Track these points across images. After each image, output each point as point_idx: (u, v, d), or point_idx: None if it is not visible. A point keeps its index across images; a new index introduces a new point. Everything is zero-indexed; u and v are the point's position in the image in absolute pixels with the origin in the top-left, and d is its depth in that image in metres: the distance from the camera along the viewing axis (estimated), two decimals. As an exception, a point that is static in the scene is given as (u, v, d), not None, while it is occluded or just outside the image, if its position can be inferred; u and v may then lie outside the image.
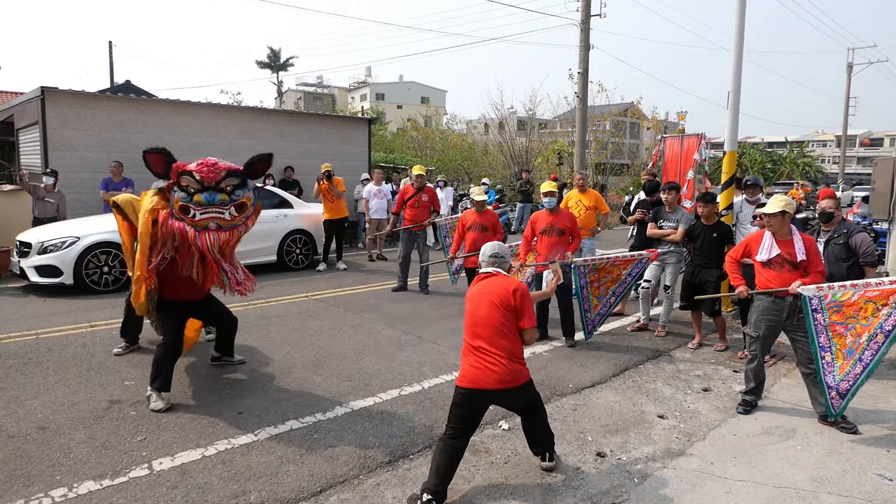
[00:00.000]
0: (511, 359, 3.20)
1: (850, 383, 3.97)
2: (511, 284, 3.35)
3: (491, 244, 3.56)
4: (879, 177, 6.47)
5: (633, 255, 5.90)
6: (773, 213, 4.30)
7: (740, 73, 7.01)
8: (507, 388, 3.18)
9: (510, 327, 3.23)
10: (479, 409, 3.29)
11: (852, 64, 37.85)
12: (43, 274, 7.48)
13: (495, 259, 3.51)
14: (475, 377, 3.18)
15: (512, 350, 3.22)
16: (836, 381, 4.00)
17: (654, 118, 31.40)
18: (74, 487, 3.16)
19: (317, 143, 13.39)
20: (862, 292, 3.94)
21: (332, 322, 6.62)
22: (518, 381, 3.23)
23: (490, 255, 3.51)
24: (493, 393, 3.19)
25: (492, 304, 3.25)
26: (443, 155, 26.25)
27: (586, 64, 16.05)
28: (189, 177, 3.95)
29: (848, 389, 3.98)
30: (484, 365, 3.17)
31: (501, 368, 3.16)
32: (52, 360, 5.09)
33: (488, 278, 3.43)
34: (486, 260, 3.53)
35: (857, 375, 3.94)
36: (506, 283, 3.35)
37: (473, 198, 7.02)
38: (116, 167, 9.37)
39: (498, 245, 3.56)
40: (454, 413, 3.25)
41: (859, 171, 58.53)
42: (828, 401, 4.06)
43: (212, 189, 3.96)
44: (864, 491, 3.32)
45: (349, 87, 67.27)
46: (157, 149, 4.03)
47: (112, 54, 27.25)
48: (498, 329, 3.20)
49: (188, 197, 3.93)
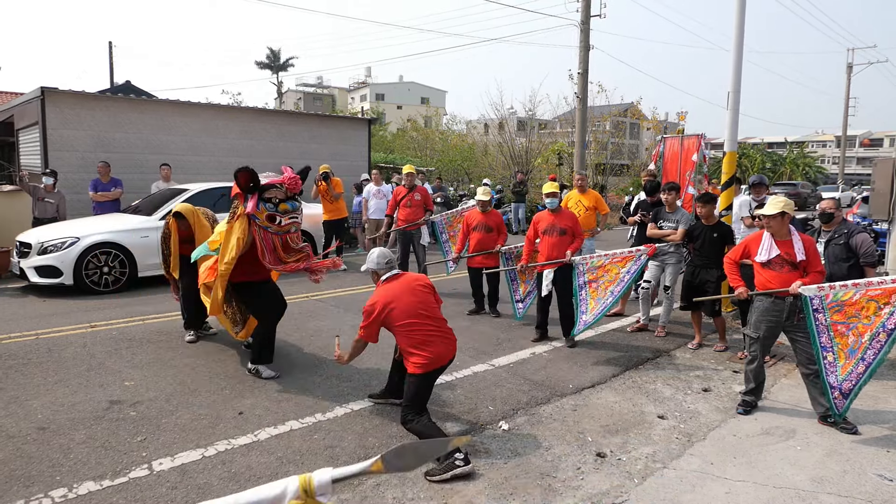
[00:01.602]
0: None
1: (852, 383, 3.97)
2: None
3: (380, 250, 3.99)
4: (879, 177, 6.47)
5: (630, 252, 5.86)
6: (772, 214, 4.30)
7: (740, 74, 7.02)
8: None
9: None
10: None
11: (852, 64, 37.85)
12: (43, 274, 7.48)
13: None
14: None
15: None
16: (839, 380, 4.00)
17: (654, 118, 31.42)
18: (74, 488, 3.16)
19: (317, 143, 13.40)
20: (864, 291, 3.95)
21: (332, 322, 6.61)
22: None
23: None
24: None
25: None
26: (443, 155, 26.26)
27: (586, 64, 16.05)
28: (276, 189, 4.52)
29: (851, 389, 3.98)
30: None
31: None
32: (52, 361, 5.09)
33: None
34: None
35: (860, 375, 3.94)
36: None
37: (479, 198, 7.02)
38: (104, 167, 9.36)
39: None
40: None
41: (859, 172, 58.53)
42: (831, 400, 4.06)
43: (292, 198, 4.61)
44: (864, 491, 3.32)
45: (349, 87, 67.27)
46: (246, 168, 4.52)
47: (112, 54, 27.25)
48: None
49: (274, 207, 4.50)
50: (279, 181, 4.55)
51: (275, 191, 4.51)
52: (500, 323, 6.82)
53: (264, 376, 4.79)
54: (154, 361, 5.15)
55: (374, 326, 3.83)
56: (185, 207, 5.61)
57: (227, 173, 11.75)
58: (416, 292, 3.84)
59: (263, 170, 12.89)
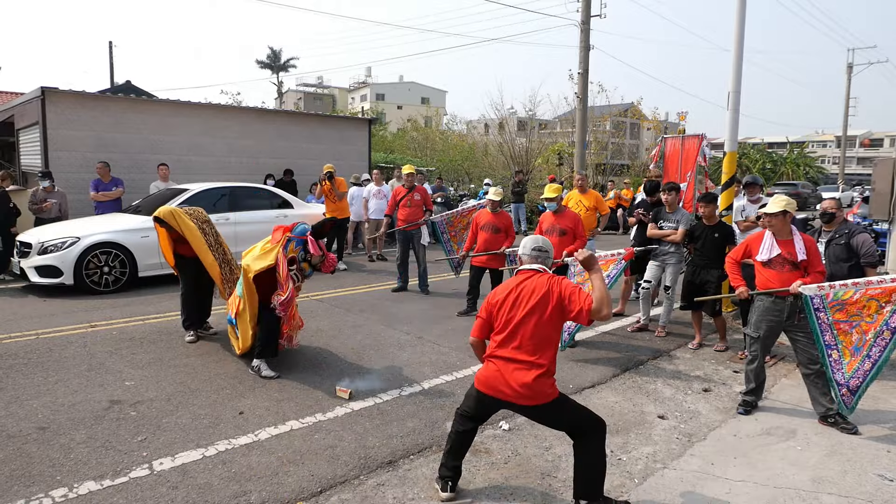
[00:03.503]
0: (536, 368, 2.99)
1: (860, 380, 3.98)
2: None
3: (532, 237, 3.34)
4: (879, 177, 6.46)
5: (612, 255, 5.81)
6: (773, 213, 4.30)
7: (740, 74, 7.01)
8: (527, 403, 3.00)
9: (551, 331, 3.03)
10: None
11: (852, 64, 37.84)
12: (43, 274, 7.48)
13: (539, 253, 3.23)
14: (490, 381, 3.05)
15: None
16: (846, 378, 4.01)
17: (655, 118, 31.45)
18: (75, 487, 3.16)
19: (317, 143, 13.41)
20: (864, 290, 3.96)
21: (332, 322, 6.61)
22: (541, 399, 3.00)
23: (533, 248, 3.24)
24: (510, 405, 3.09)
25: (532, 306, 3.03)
26: (443, 155, 26.26)
27: (586, 64, 16.05)
28: (315, 250, 5.03)
29: (858, 386, 3.99)
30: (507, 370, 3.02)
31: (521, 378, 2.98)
32: (52, 361, 5.09)
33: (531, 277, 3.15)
34: (528, 254, 3.25)
35: (867, 372, 3.95)
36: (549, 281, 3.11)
37: (490, 198, 7.00)
38: (103, 167, 9.36)
39: (541, 238, 3.32)
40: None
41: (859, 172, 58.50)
42: (839, 397, 4.06)
43: (312, 268, 5.17)
44: (864, 491, 3.32)
45: (349, 87, 67.27)
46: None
47: (112, 54, 27.26)
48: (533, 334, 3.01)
49: (302, 259, 5.03)
50: (317, 253, 5.06)
51: (313, 250, 5.04)
52: (501, 323, 6.81)
53: (264, 375, 4.79)
54: (154, 361, 5.15)
55: (481, 319, 3.24)
56: (164, 211, 5.43)
57: (227, 173, 11.78)
58: (529, 303, 3.04)
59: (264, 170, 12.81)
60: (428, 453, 3.67)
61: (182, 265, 5.70)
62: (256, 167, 12.30)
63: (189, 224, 5.36)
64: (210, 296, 5.88)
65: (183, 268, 5.70)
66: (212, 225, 5.66)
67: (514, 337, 3.02)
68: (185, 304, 5.76)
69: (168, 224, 5.40)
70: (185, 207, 5.70)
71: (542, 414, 3.04)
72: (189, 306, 5.75)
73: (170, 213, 5.38)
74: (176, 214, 5.38)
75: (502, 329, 3.07)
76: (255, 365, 4.88)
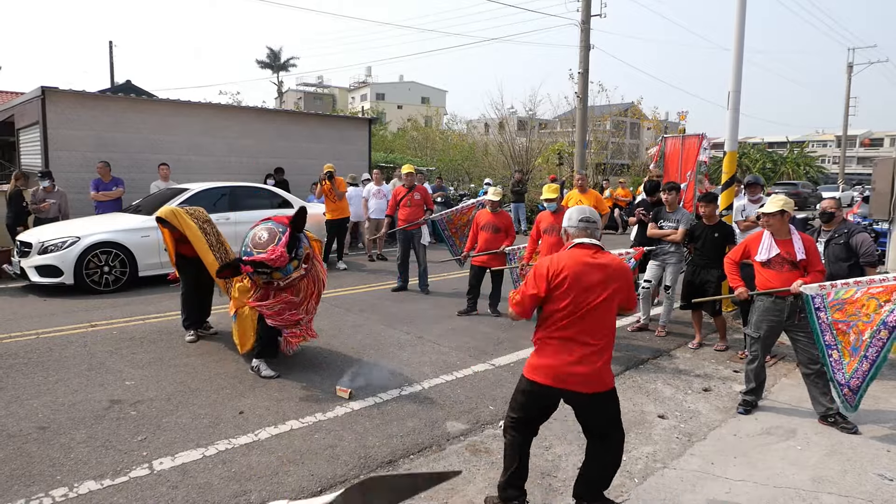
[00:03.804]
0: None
1: (859, 380, 3.98)
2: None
3: (580, 207, 3.10)
4: (879, 177, 6.46)
5: (620, 254, 5.82)
6: (772, 213, 4.30)
7: (741, 73, 7.01)
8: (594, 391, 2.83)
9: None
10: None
11: (852, 64, 37.83)
12: (43, 274, 7.48)
13: (587, 224, 2.98)
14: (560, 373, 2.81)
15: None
16: (847, 378, 4.01)
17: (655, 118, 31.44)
18: (75, 487, 3.16)
19: (317, 143, 13.40)
20: (865, 289, 3.96)
21: (332, 322, 6.62)
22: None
23: (580, 219, 2.98)
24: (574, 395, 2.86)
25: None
26: (443, 155, 26.26)
27: (586, 64, 16.04)
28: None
29: (859, 386, 3.99)
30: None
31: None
32: (52, 360, 5.09)
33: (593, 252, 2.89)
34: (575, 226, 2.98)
35: (865, 372, 3.94)
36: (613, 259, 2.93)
37: (489, 198, 7.01)
38: (103, 167, 9.36)
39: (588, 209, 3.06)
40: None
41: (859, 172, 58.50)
42: (841, 396, 4.06)
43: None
44: (864, 491, 3.32)
45: (349, 87, 67.26)
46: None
47: (112, 54, 27.26)
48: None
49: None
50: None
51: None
52: (501, 323, 6.82)
53: (264, 375, 4.79)
54: (154, 361, 5.15)
55: (532, 295, 2.89)
56: (166, 211, 5.45)
57: (227, 173, 11.78)
58: (596, 283, 2.82)
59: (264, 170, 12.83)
60: (428, 453, 3.67)
61: (183, 265, 5.70)
62: (256, 167, 12.30)
63: (190, 224, 5.36)
64: (210, 295, 5.89)
65: (184, 267, 5.70)
66: (212, 224, 5.65)
67: (583, 318, 2.79)
68: (186, 304, 5.76)
69: (170, 224, 5.40)
70: (185, 207, 5.71)
71: (598, 403, 2.86)
72: (189, 306, 5.75)
73: (171, 213, 5.39)
74: (177, 214, 5.39)
75: (568, 308, 2.80)
76: (255, 365, 4.88)
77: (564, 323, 2.82)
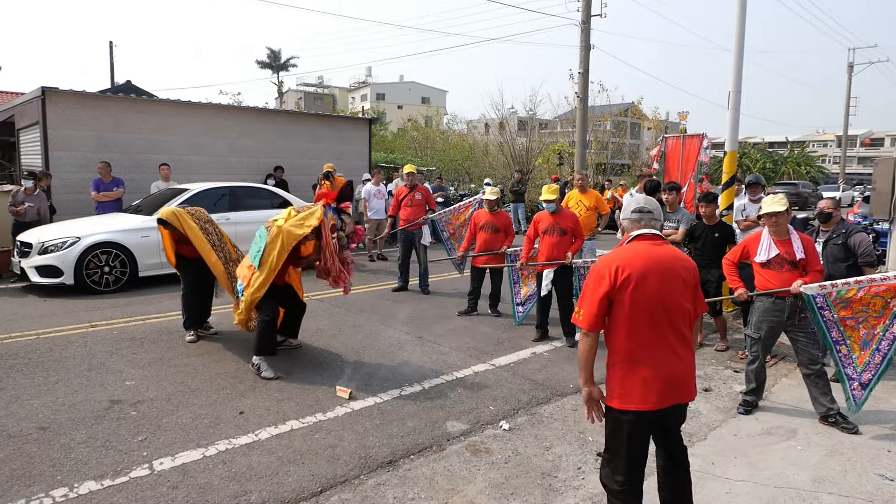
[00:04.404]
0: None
1: (871, 373, 4.01)
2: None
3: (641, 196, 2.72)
4: (880, 177, 6.45)
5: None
6: (780, 212, 4.30)
7: (741, 73, 7.01)
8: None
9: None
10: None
11: (853, 64, 37.80)
12: (43, 274, 7.48)
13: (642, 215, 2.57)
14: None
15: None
16: (858, 372, 4.03)
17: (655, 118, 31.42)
18: (75, 487, 3.16)
19: (317, 143, 13.40)
20: (867, 288, 3.98)
21: (332, 322, 6.62)
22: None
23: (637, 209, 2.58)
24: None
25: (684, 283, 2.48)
26: (443, 155, 26.26)
27: (587, 64, 16.04)
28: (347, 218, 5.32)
29: (870, 380, 4.02)
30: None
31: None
32: (52, 360, 5.09)
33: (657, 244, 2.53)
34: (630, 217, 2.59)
35: (878, 365, 3.99)
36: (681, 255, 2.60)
37: (486, 197, 7.01)
38: (104, 167, 9.35)
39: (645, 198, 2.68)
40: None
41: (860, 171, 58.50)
42: (848, 391, 4.08)
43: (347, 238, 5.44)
44: (864, 491, 3.32)
45: (349, 87, 67.27)
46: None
47: (112, 54, 27.27)
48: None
49: (339, 228, 5.24)
50: (349, 224, 5.37)
51: (346, 219, 5.29)
52: (501, 323, 6.82)
53: (264, 376, 4.80)
54: (155, 361, 5.15)
55: (600, 298, 2.43)
56: (167, 212, 5.46)
57: (227, 173, 11.78)
58: (669, 276, 2.45)
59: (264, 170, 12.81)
60: (428, 453, 3.67)
61: (183, 265, 5.70)
62: (257, 167, 12.30)
63: (191, 224, 5.37)
64: (211, 296, 5.89)
65: (184, 268, 5.71)
66: (214, 224, 5.66)
67: (670, 319, 2.42)
68: (186, 304, 5.76)
69: (171, 225, 5.41)
70: (187, 208, 5.70)
71: (685, 413, 2.62)
72: (190, 306, 5.75)
73: (172, 214, 5.40)
74: (178, 215, 5.39)
75: (647, 310, 2.40)
76: (255, 363, 4.89)
77: (644, 325, 2.42)
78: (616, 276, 2.41)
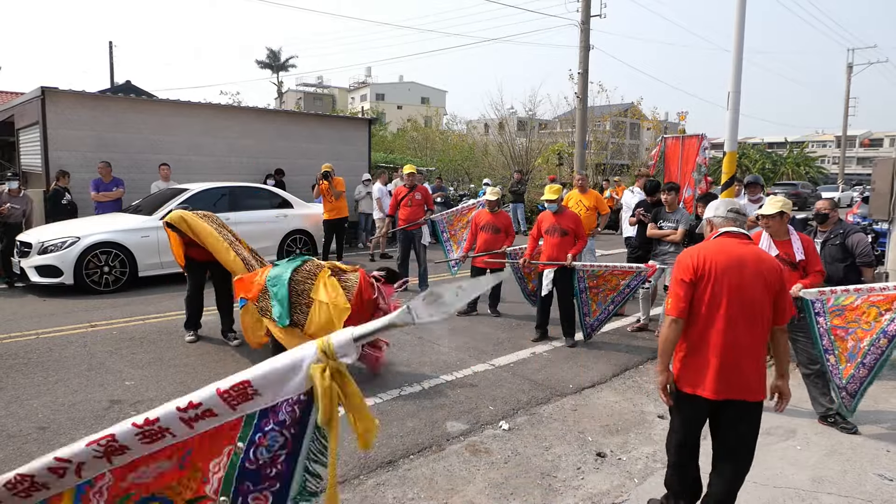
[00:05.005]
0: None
1: (856, 385, 3.99)
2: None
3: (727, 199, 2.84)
4: (879, 177, 6.46)
5: (630, 268, 5.92)
6: (770, 215, 4.30)
7: (740, 74, 7.02)
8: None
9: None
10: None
11: (852, 64, 37.79)
12: (43, 274, 7.48)
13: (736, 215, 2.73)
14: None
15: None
16: (843, 382, 4.03)
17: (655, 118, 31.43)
18: (75, 487, 3.15)
19: (317, 143, 13.39)
20: (865, 296, 3.95)
21: (332, 322, 6.61)
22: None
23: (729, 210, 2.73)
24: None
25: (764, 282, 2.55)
26: (443, 155, 26.25)
27: (586, 64, 16.05)
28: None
29: (856, 391, 4.01)
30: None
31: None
32: (52, 360, 5.09)
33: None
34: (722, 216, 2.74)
35: (863, 379, 3.95)
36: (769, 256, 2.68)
37: (487, 198, 7.01)
38: (105, 167, 9.34)
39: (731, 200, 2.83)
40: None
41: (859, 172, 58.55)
42: (839, 399, 4.08)
43: None
44: (864, 491, 3.33)
45: (349, 87, 67.24)
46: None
47: (112, 54, 27.26)
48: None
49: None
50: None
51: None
52: (501, 323, 6.83)
53: None
54: (154, 361, 5.16)
55: (684, 286, 2.59)
56: (175, 217, 5.39)
57: (227, 173, 11.77)
58: (750, 275, 2.55)
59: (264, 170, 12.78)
60: (427, 453, 3.68)
61: (191, 267, 5.72)
62: (256, 167, 12.29)
63: (203, 226, 5.29)
64: (231, 301, 5.69)
65: (192, 269, 5.72)
66: (226, 226, 5.65)
67: (745, 316, 2.52)
68: (189, 305, 5.76)
69: (178, 229, 5.39)
70: (199, 212, 5.63)
71: (753, 413, 2.64)
72: (192, 307, 5.76)
73: (180, 218, 5.31)
74: (187, 219, 5.31)
75: (724, 303, 2.51)
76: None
77: (723, 318, 2.53)
78: (699, 267, 2.55)
